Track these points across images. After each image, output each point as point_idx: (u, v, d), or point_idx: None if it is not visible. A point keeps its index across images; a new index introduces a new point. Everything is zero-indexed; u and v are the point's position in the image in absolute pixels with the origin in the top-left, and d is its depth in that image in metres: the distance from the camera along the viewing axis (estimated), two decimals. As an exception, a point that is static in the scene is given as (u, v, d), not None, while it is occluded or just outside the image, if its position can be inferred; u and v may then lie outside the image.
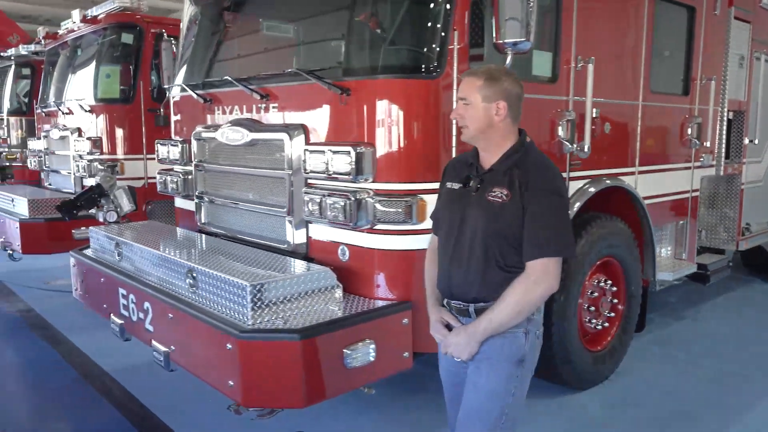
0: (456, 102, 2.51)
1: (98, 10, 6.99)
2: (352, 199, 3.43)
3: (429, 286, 2.68)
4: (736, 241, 6.26)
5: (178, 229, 4.87)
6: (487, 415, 2.44)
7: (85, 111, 7.01)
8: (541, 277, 2.34)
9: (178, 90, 5.03)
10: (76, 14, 7.26)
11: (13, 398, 4.84)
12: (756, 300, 7.07)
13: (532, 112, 3.87)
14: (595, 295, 4.57)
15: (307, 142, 3.79)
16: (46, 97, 8.23)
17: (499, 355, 2.43)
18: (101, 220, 5.26)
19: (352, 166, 3.41)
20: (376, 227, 3.49)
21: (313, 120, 3.78)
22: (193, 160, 4.71)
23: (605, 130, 4.53)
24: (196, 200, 4.74)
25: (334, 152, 3.50)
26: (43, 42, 8.50)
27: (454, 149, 3.50)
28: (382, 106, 3.45)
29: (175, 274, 3.61)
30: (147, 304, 3.72)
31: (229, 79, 4.18)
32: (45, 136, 8.07)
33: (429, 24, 3.49)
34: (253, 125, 4.11)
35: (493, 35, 3.24)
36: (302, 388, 2.97)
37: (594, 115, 4.30)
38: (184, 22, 5.13)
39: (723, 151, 5.89)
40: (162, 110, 6.88)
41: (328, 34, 4.17)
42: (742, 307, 6.75)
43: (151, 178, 6.83)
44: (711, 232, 6.31)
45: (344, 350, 3.07)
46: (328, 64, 3.87)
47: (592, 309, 4.54)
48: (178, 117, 5.14)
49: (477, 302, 2.45)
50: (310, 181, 3.78)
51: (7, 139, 10.00)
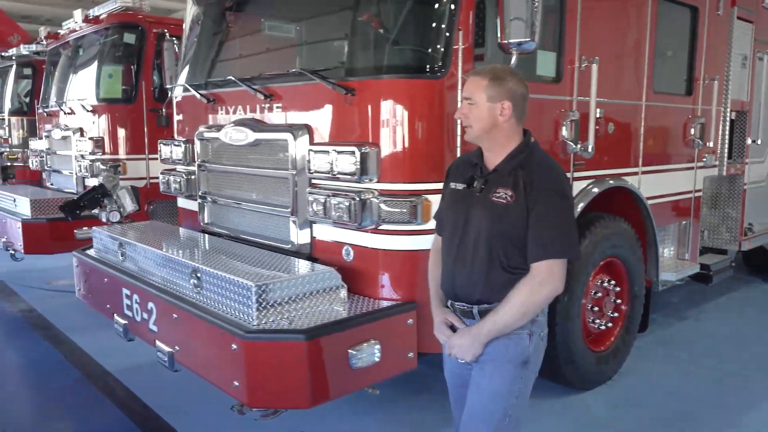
0: (461, 101, 2.50)
1: (100, 10, 6.99)
2: (357, 199, 3.42)
3: (432, 287, 2.67)
4: (739, 242, 6.26)
5: (182, 230, 4.87)
6: (490, 417, 2.43)
7: (87, 111, 7.00)
8: (546, 279, 2.33)
9: (181, 90, 5.03)
10: (78, 14, 7.26)
11: (16, 398, 4.83)
12: (758, 300, 7.07)
13: (536, 112, 3.88)
14: (599, 295, 4.56)
15: (311, 142, 3.79)
16: (48, 97, 8.22)
17: (503, 356, 2.42)
18: (104, 220, 5.26)
19: (357, 167, 3.40)
20: (380, 227, 3.48)
21: (317, 120, 3.78)
22: (196, 160, 4.70)
23: (609, 131, 4.53)
24: (199, 200, 4.73)
25: (339, 152, 3.49)
26: (44, 42, 8.49)
27: (458, 149, 3.49)
28: (387, 106, 3.45)
29: (180, 275, 3.61)
30: (151, 305, 3.71)
31: (233, 79, 4.18)
32: (47, 136, 8.06)
33: (434, 24, 3.49)
34: (256, 125, 4.11)
35: (498, 35, 3.24)
36: (307, 389, 2.97)
37: (598, 116, 4.29)
38: (186, 22, 5.12)
39: (726, 151, 5.88)
40: (164, 110, 6.88)
41: (332, 34, 4.17)
42: (744, 308, 6.75)
43: (153, 178, 6.85)
44: (713, 233, 6.31)
45: (349, 351, 3.07)
46: (333, 64, 3.88)
47: (596, 309, 4.53)
48: (181, 117, 5.13)
49: (481, 304, 2.44)
50: (314, 181, 3.77)
51: (9, 139, 9.99)
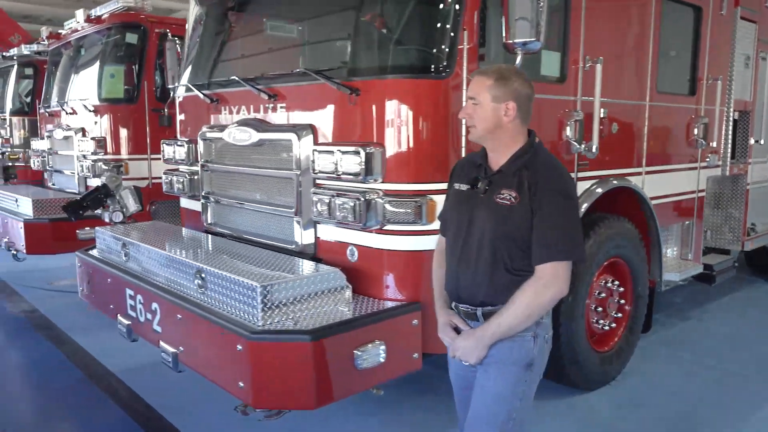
0: (465, 101, 2.49)
1: (102, 10, 6.98)
2: (362, 199, 3.42)
3: (437, 288, 2.65)
4: (742, 242, 6.25)
5: (185, 230, 4.86)
6: (494, 419, 2.42)
7: (89, 111, 7.00)
8: (550, 281, 2.31)
9: (184, 90, 5.02)
10: (80, 14, 7.25)
11: (19, 398, 4.82)
12: (760, 300, 7.06)
13: (541, 113, 3.87)
14: (603, 295, 4.56)
15: (316, 142, 3.78)
16: (50, 97, 8.21)
17: (507, 358, 2.40)
18: (107, 220, 5.24)
19: (362, 167, 3.40)
20: (385, 227, 3.48)
21: (322, 120, 3.77)
22: (199, 160, 4.70)
23: (613, 131, 4.52)
24: (202, 200, 4.73)
25: (344, 152, 3.48)
26: (46, 42, 8.48)
27: (463, 149, 3.49)
28: (392, 106, 3.44)
29: (184, 275, 3.60)
30: (155, 305, 3.70)
31: (237, 79, 4.17)
32: (48, 136, 8.05)
33: (438, 24, 3.48)
34: (260, 125, 4.10)
35: (503, 35, 3.23)
36: (313, 390, 2.96)
37: (602, 116, 4.29)
38: (189, 22, 5.12)
39: (729, 151, 5.88)
40: (166, 110, 6.87)
41: (337, 33, 4.15)
42: (747, 308, 6.74)
43: (155, 178, 6.84)
44: (716, 233, 6.29)
45: (355, 351, 3.06)
46: (337, 64, 3.87)
47: (600, 309, 4.52)
48: (184, 117, 5.13)
49: (485, 306, 2.42)
50: (319, 182, 3.76)
51: (10, 139, 9.98)
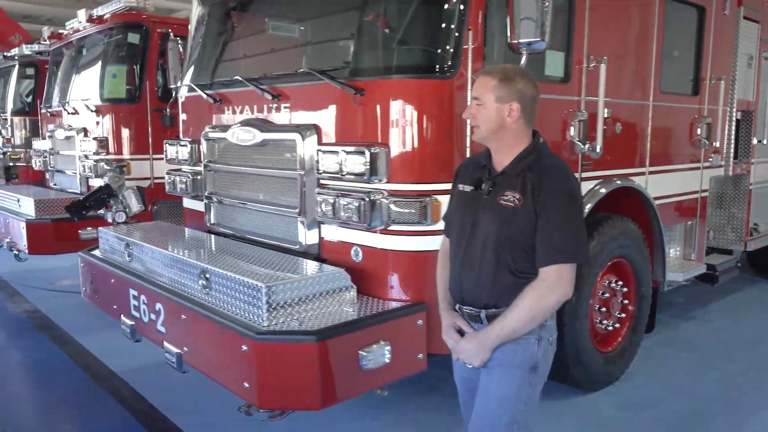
0: (470, 101, 2.48)
1: (104, 10, 6.98)
2: (367, 199, 3.41)
3: (441, 290, 2.64)
4: (744, 242, 6.25)
5: (188, 230, 4.85)
6: (498, 422, 2.40)
7: (91, 111, 6.99)
8: (555, 284, 2.29)
9: (187, 90, 5.01)
10: (81, 14, 7.25)
11: (22, 399, 4.82)
12: (763, 300, 7.05)
13: (545, 113, 3.83)
14: (606, 295, 4.55)
15: (320, 142, 3.77)
16: (51, 97, 8.20)
17: (511, 361, 2.39)
18: (110, 220, 5.25)
19: (367, 167, 3.39)
20: (389, 228, 3.47)
21: (326, 120, 3.76)
22: (202, 160, 4.69)
23: (616, 131, 4.51)
24: (205, 201, 4.72)
25: (348, 153, 3.48)
26: (48, 42, 8.47)
27: (468, 149, 3.48)
28: (396, 106, 3.43)
29: (188, 275, 3.60)
30: (159, 305, 3.70)
31: (241, 79, 4.16)
32: (50, 136, 8.04)
33: (443, 24, 3.47)
34: (264, 125, 4.10)
35: (508, 35, 3.22)
36: (318, 390, 2.95)
37: (606, 116, 4.28)
38: (192, 22, 5.11)
39: (732, 151, 5.88)
40: (168, 110, 6.87)
41: (341, 33, 4.15)
42: (749, 308, 6.74)
43: (157, 178, 6.84)
44: (719, 233, 6.29)
45: (360, 352, 3.05)
46: (342, 64, 3.86)
47: (603, 310, 4.52)
48: (187, 117, 5.12)
49: (488, 308, 2.41)
50: (323, 182, 3.76)
51: (11, 139, 9.97)
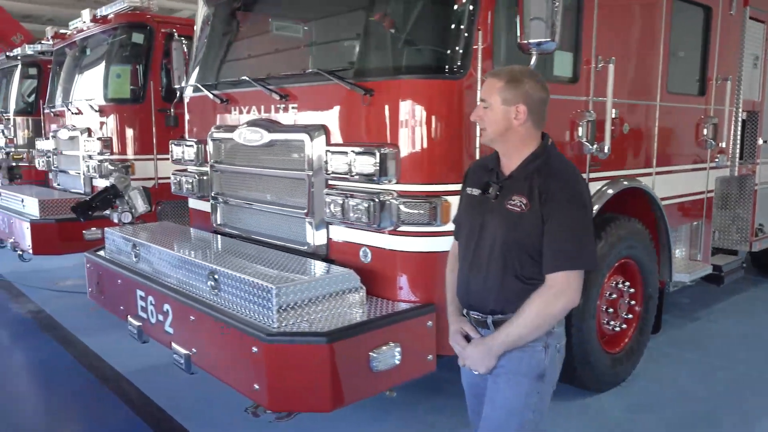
0: (478, 102, 2.47)
1: (108, 10, 6.97)
2: (376, 200, 3.40)
3: (450, 294, 2.61)
4: (749, 242, 6.25)
5: (194, 231, 4.84)
6: (505, 431, 2.38)
7: (95, 111, 6.98)
8: (562, 290, 2.25)
9: (192, 90, 5.00)
10: (86, 14, 7.24)
11: (28, 400, 4.81)
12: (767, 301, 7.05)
13: (553, 113, 3.77)
14: (613, 296, 4.54)
15: (328, 142, 3.76)
16: (55, 97, 8.19)
17: (517, 369, 2.35)
18: (116, 221, 5.24)
19: (376, 168, 3.38)
20: (399, 228, 3.46)
21: (334, 120, 3.76)
22: (208, 160, 4.68)
23: (624, 131, 4.51)
24: (211, 201, 4.71)
25: (358, 153, 3.47)
26: (51, 42, 8.46)
27: (477, 150, 3.47)
28: (406, 107, 3.43)
29: (196, 276, 3.58)
30: (167, 306, 3.69)
31: (248, 79, 4.15)
32: (53, 136, 8.03)
33: (452, 24, 3.46)
34: (271, 126, 4.09)
35: (518, 35, 3.21)
36: (328, 392, 2.95)
37: (613, 116, 4.27)
38: (198, 22, 5.10)
39: (737, 151, 5.87)
40: (172, 110, 6.86)
41: (350, 34, 4.13)
42: (754, 308, 6.73)
43: (162, 178, 6.83)
44: (724, 233, 6.29)
45: (370, 353, 3.05)
46: (350, 64, 3.84)
47: (610, 310, 4.51)
48: (192, 117, 5.11)
49: (495, 314, 2.38)
50: (331, 182, 3.75)
51: (14, 139, 9.96)
